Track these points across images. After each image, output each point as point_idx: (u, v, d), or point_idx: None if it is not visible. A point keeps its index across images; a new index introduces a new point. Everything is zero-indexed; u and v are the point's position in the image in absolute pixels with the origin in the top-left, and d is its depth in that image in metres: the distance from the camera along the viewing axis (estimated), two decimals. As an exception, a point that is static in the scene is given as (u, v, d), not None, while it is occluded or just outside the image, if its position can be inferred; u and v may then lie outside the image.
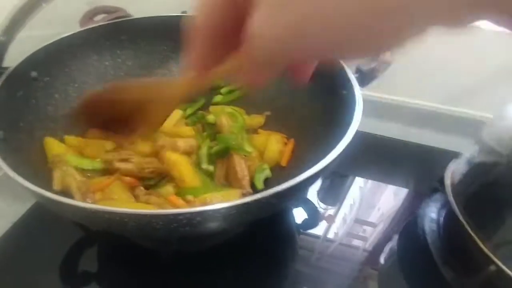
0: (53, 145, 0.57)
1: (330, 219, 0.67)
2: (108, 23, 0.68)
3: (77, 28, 0.66)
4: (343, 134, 0.47)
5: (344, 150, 0.43)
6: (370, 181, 0.75)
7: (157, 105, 0.35)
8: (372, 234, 0.66)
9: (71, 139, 0.61)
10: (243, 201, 0.35)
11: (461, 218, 0.54)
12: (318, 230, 0.65)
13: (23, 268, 0.55)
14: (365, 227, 0.67)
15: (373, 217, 0.69)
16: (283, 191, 0.37)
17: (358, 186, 0.74)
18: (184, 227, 0.37)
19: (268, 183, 0.59)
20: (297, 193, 0.49)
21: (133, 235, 0.41)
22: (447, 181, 0.59)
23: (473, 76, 0.79)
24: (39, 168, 0.52)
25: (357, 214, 0.69)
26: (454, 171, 0.60)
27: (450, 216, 0.60)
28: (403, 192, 0.73)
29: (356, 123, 0.47)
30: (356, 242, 0.64)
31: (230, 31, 0.25)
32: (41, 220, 0.42)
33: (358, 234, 0.66)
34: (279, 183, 0.54)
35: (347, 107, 0.52)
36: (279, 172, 0.61)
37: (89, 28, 0.66)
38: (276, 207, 0.44)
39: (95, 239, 0.58)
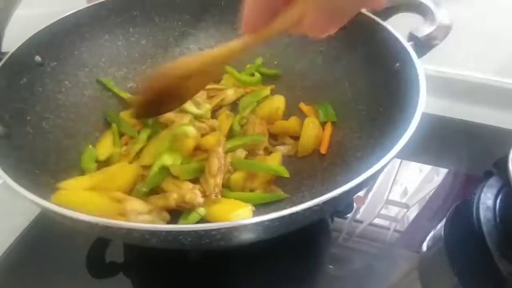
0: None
1: (360, 201, 0.61)
2: (118, -3, 0.61)
3: (84, 4, 0.59)
4: (395, 117, 0.40)
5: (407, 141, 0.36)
6: (404, 161, 0.68)
7: (212, 69, 0.38)
8: (406, 216, 0.62)
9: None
10: (289, 212, 0.28)
11: (524, 205, 0.48)
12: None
13: (50, 261, 0.52)
14: (397, 208, 0.62)
15: (406, 199, 0.63)
16: (339, 196, 0.30)
17: (391, 166, 0.67)
18: (218, 242, 0.30)
19: (307, 175, 0.52)
20: (354, 194, 0.42)
21: (158, 247, 0.35)
22: (510, 165, 0.52)
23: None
24: (45, 168, 0.47)
25: (389, 196, 0.64)
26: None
27: (510, 203, 0.54)
28: (436, 172, 0.67)
29: (421, 107, 0.39)
30: (387, 223, 0.60)
31: None
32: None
33: (390, 215, 0.62)
34: (320, 175, 0.50)
35: (401, 84, 0.45)
36: (319, 162, 0.54)
37: (98, 4, 0.59)
38: (328, 212, 0.37)
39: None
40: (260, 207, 0.47)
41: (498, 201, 0.57)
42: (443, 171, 0.66)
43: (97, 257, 0.52)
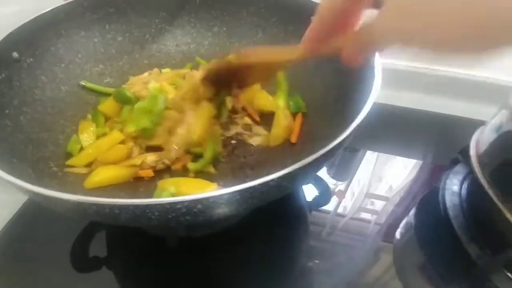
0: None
1: (341, 194, 0.63)
2: (93, -5, 0.62)
3: (61, 1, 0.60)
4: (358, 107, 0.42)
5: (359, 125, 0.38)
6: (382, 155, 0.70)
7: (269, 66, 0.45)
8: (385, 208, 0.63)
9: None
10: (247, 186, 0.30)
11: (487, 190, 0.50)
12: (329, 205, 0.62)
13: (32, 255, 0.53)
14: (377, 201, 0.63)
15: (385, 191, 0.65)
16: (294, 172, 0.32)
17: (370, 160, 0.69)
18: (183, 216, 0.32)
19: (277, 162, 0.54)
20: (309, 173, 0.44)
21: (129, 225, 0.37)
22: (472, 151, 0.55)
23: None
24: (23, 159, 0.48)
25: (369, 189, 0.65)
26: (479, 140, 0.55)
27: (475, 189, 0.56)
28: (416, 164, 0.68)
29: (373, 96, 0.42)
30: (368, 216, 0.61)
31: (343, 17, 0.32)
32: (48, 208, 0.41)
33: (370, 208, 0.63)
34: (290, 162, 0.52)
35: (362, 78, 0.47)
36: (289, 150, 0.56)
37: (74, 1, 0.60)
38: (286, 190, 0.39)
39: (102, 225, 0.56)
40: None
41: (463, 187, 0.58)
42: (419, 162, 0.68)
43: (81, 252, 0.53)
